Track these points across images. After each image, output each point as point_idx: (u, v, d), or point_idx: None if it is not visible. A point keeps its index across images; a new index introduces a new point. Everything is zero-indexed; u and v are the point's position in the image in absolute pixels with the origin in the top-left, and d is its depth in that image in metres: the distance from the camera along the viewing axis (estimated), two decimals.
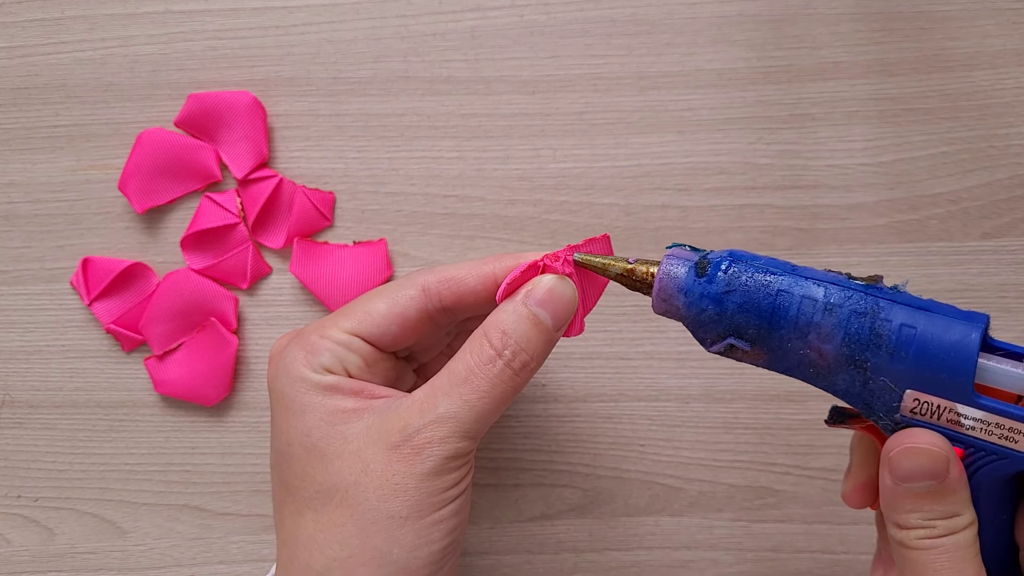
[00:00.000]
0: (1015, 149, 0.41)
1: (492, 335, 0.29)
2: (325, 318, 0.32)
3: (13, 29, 0.41)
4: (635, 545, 0.40)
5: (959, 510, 0.25)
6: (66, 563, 0.41)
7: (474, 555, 0.41)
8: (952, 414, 0.25)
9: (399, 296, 0.31)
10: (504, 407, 0.29)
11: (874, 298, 0.26)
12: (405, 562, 0.27)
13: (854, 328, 0.26)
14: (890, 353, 0.25)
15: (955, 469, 0.25)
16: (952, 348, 0.25)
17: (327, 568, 0.27)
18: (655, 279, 0.29)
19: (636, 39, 0.41)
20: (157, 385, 0.41)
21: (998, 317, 0.41)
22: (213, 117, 0.41)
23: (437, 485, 0.28)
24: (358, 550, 0.27)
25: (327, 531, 0.28)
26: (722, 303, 0.27)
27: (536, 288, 0.29)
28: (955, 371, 0.25)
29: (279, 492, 0.30)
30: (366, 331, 0.30)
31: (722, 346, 0.28)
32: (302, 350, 0.30)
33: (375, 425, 0.28)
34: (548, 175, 0.41)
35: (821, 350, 0.26)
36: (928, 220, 0.41)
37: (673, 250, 0.29)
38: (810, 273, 0.27)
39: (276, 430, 0.30)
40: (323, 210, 0.41)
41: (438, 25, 0.41)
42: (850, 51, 0.41)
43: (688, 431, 0.41)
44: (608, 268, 0.30)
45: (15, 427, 0.41)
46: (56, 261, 0.42)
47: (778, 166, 0.41)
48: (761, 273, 0.27)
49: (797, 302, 0.26)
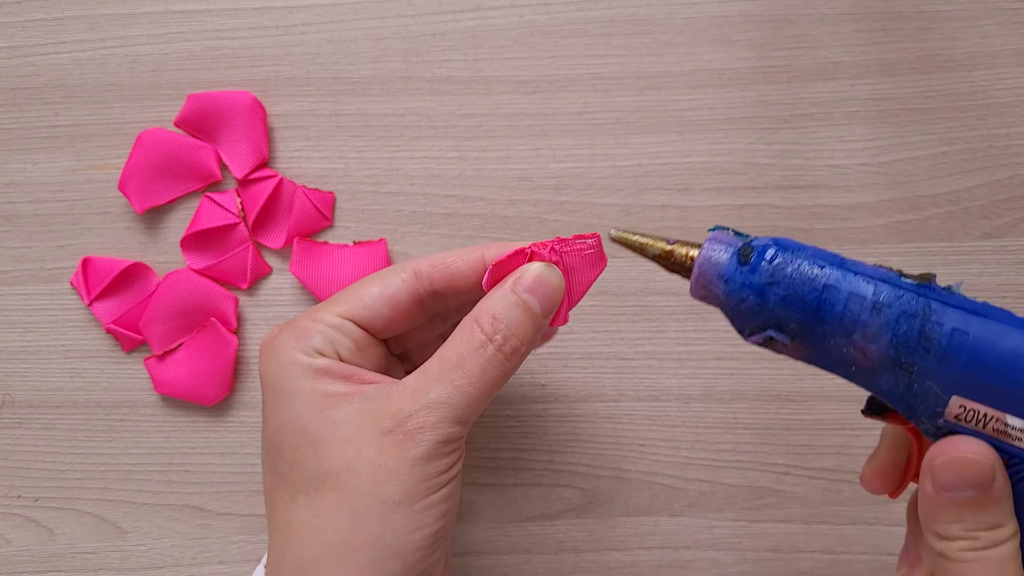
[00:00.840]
0: (1015, 149, 0.41)
1: (483, 320, 0.29)
2: (316, 305, 0.32)
3: (13, 29, 0.41)
4: (635, 545, 0.40)
5: (1002, 521, 0.24)
6: (66, 563, 0.41)
7: (474, 555, 0.41)
8: (999, 423, 0.24)
9: (391, 279, 0.31)
10: (495, 392, 0.29)
11: (926, 299, 0.25)
12: (398, 546, 0.27)
13: (903, 330, 0.25)
14: (939, 358, 0.24)
15: (1000, 479, 0.24)
16: (1007, 356, 0.24)
17: (320, 554, 0.27)
18: (695, 263, 0.27)
19: (636, 39, 0.41)
20: (157, 385, 0.41)
21: None
22: (213, 117, 0.41)
23: (430, 470, 0.28)
24: (351, 535, 0.27)
25: (320, 516, 0.28)
26: (764, 294, 0.26)
27: (525, 275, 0.30)
28: (1009, 380, 0.24)
29: (270, 479, 0.30)
30: (358, 314, 0.31)
31: (761, 337, 0.27)
32: (293, 334, 0.30)
33: (366, 410, 0.29)
34: (548, 175, 0.41)
35: (866, 350, 0.25)
36: (928, 220, 0.41)
37: (716, 233, 0.28)
38: (859, 268, 0.26)
39: (266, 416, 0.30)
40: (323, 210, 0.41)
41: (438, 25, 0.41)
42: (850, 51, 0.41)
43: (688, 431, 0.41)
44: (647, 248, 0.29)
45: (15, 427, 0.41)
46: (56, 261, 0.42)
47: (778, 166, 0.41)
48: (808, 265, 0.26)
49: (844, 298, 0.25)
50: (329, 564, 0.27)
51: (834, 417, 0.40)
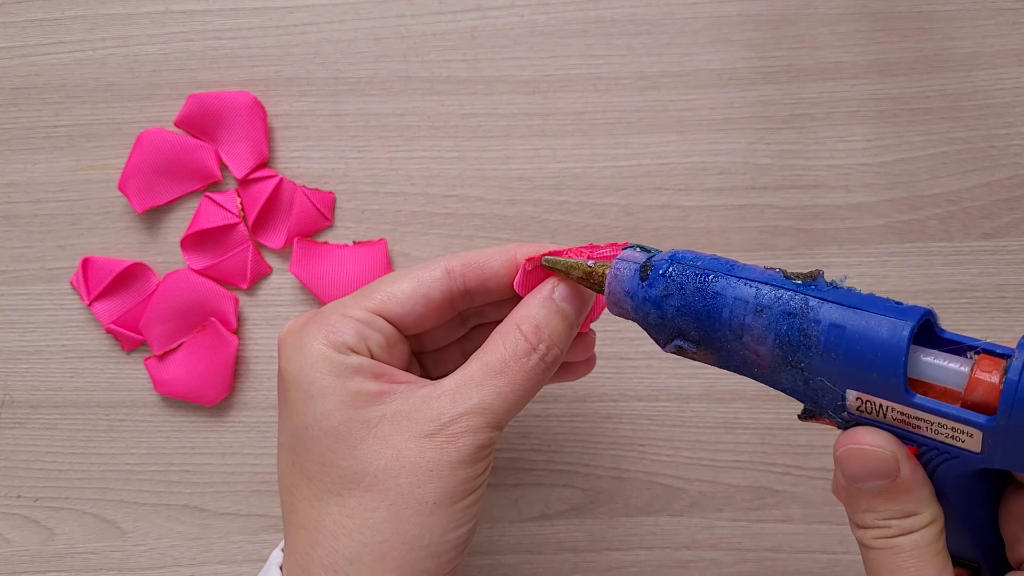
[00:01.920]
0: (1015, 149, 0.41)
1: (525, 328, 0.29)
2: (344, 298, 0.31)
3: (13, 29, 0.41)
4: (635, 545, 0.40)
5: (916, 509, 0.25)
6: (66, 563, 0.41)
7: (474, 555, 0.41)
8: (896, 412, 0.24)
9: (424, 277, 0.31)
10: (530, 399, 0.30)
11: (803, 296, 0.25)
12: (436, 547, 0.28)
13: (784, 329, 0.25)
14: (820, 354, 0.25)
15: (906, 467, 0.24)
16: (880, 347, 0.24)
17: (358, 554, 0.27)
18: (605, 282, 0.29)
19: (636, 39, 0.41)
20: (157, 385, 0.41)
21: (998, 317, 0.41)
22: (213, 117, 0.41)
23: (468, 473, 0.28)
24: (391, 535, 0.27)
25: (356, 516, 0.28)
26: (661, 307, 0.27)
27: (563, 283, 0.30)
28: (884, 370, 0.24)
29: (293, 476, 0.30)
30: (390, 311, 0.30)
31: (672, 347, 0.28)
32: (321, 329, 0.29)
33: (403, 412, 0.28)
34: (548, 175, 0.41)
35: (757, 351, 0.26)
36: (928, 220, 0.41)
37: (625, 252, 0.29)
38: (746, 273, 0.27)
39: (291, 412, 0.30)
40: (323, 210, 0.41)
41: (438, 25, 0.41)
42: (850, 51, 0.41)
43: (688, 431, 0.41)
44: (570, 271, 0.30)
45: (15, 427, 0.41)
46: (56, 261, 0.42)
47: (778, 166, 0.41)
48: (698, 275, 0.27)
49: (730, 304, 0.26)
50: (366, 564, 0.27)
51: None
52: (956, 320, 0.41)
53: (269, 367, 0.41)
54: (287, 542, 0.30)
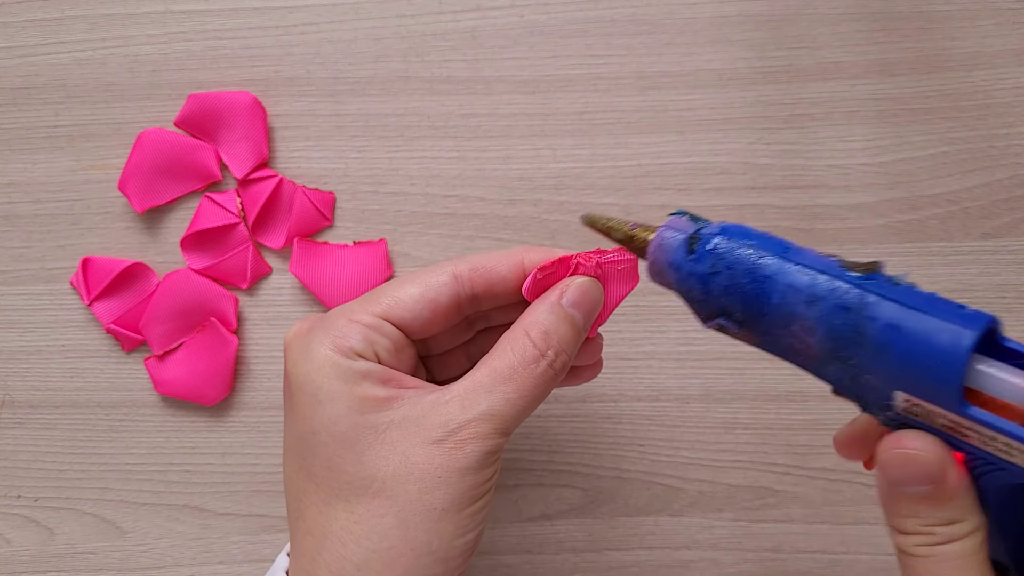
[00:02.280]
0: (1015, 149, 0.41)
1: (534, 334, 0.29)
2: (350, 303, 0.31)
3: (13, 29, 0.41)
4: (635, 545, 0.40)
5: (959, 516, 0.24)
6: (66, 563, 0.41)
7: (475, 555, 0.41)
8: (946, 419, 0.23)
9: (431, 281, 0.31)
10: (537, 405, 0.30)
11: (861, 291, 0.24)
12: (443, 552, 0.28)
13: (837, 323, 0.24)
14: (873, 353, 0.23)
15: (953, 474, 0.24)
16: (938, 354, 0.22)
17: (366, 560, 0.27)
18: (648, 251, 0.28)
19: (636, 39, 0.41)
20: (157, 385, 0.41)
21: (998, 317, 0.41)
22: (213, 117, 0.41)
23: (477, 479, 0.28)
24: (399, 541, 0.27)
25: (364, 523, 0.28)
26: (707, 284, 0.26)
27: (571, 288, 0.30)
28: (940, 379, 0.22)
29: (299, 481, 0.30)
30: (397, 316, 0.30)
31: (714, 324, 0.27)
32: (328, 334, 0.29)
33: (411, 417, 0.28)
34: (548, 175, 0.41)
35: (806, 341, 0.25)
36: (928, 220, 0.41)
37: (671, 219, 0.28)
38: (802, 258, 0.25)
39: (297, 416, 0.30)
40: (323, 210, 0.41)
41: (438, 25, 0.41)
42: (850, 51, 0.41)
43: (688, 431, 0.41)
44: (612, 231, 0.29)
45: (15, 427, 0.41)
46: (56, 261, 0.42)
47: (778, 166, 0.41)
48: (749, 254, 0.25)
49: (781, 290, 0.25)
50: (374, 570, 0.27)
51: (834, 417, 0.40)
52: None
53: (269, 367, 0.41)
54: (293, 547, 0.30)
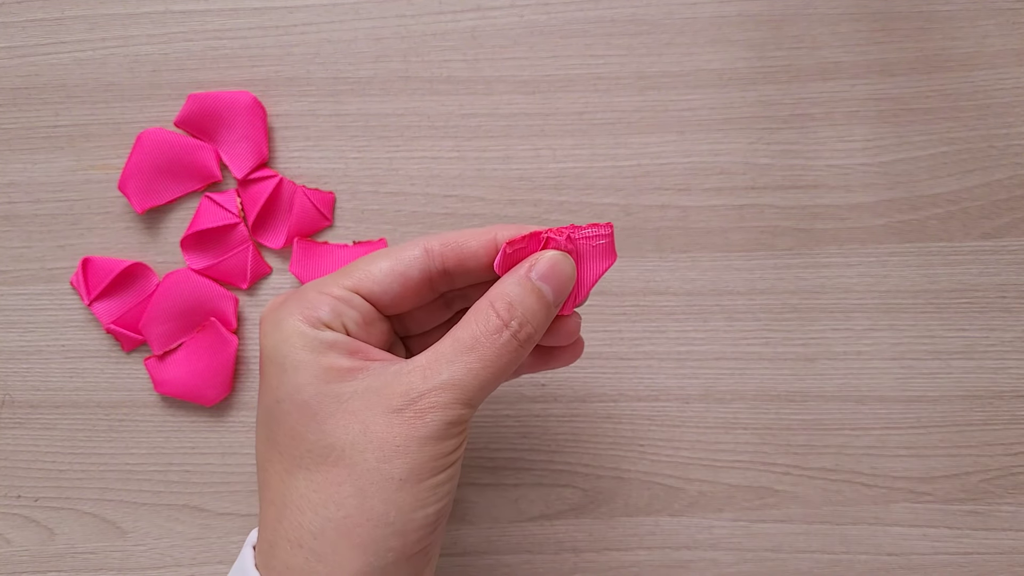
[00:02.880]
0: (1015, 149, 0.41)
1: (499, 305, 0.29)
2: (324, 277, 0.31)
3: (13, 29, 0.41)
4: (635, 545, 0.40)
5: None
6: (66, 563, 0.41)
7: (474, 555, 0.41)
8: None
9: (402, 256, 0.31)
10: (504, 377, 0.29)
11: None
12: (401, 524, 0.28)
13: None
14: None
15: None
16: None
17: (322, 528, 0.27)
18: None
19: (636, 39, 0.41)
20: (157, 385, 0.41)
21: (998, 317, 0.41)
22: (213, 117, 0.41)
23: (437, 450, 0.28)
24: (355, 511, 0.27)
25: (322, 491, 0.28)
26: None
27: (540, 262, 0.30)
28: None
29: (265, 451, 0.30)
30: (367, 289, 0.30)
31: None
32: (298, 305, 0.30)
33: (373, 387, 0.28)
34: (548, 175, 0.41)
35: None
36: (928, 220, 0.41)
37: None
38: None
39: (265, 387, 0.30)
40: (323, 210, 0.41)
41: (438, 25, 0.41)
42: (850, 51, 0.41)
43: (688, 431, 0.41)
44: None
45: (15, 427, 0.41)
46: (56, 261, 0.42)
47: (778, 166, 0.41)
48: None
49: None
50: (330, 539, 0.27)
51: (834, 417, 0.40)
52: (956, 320, 0.41)
53: None
54: (260, 518, 0.30)
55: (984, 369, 0.41)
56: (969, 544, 0.40)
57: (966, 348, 0.41)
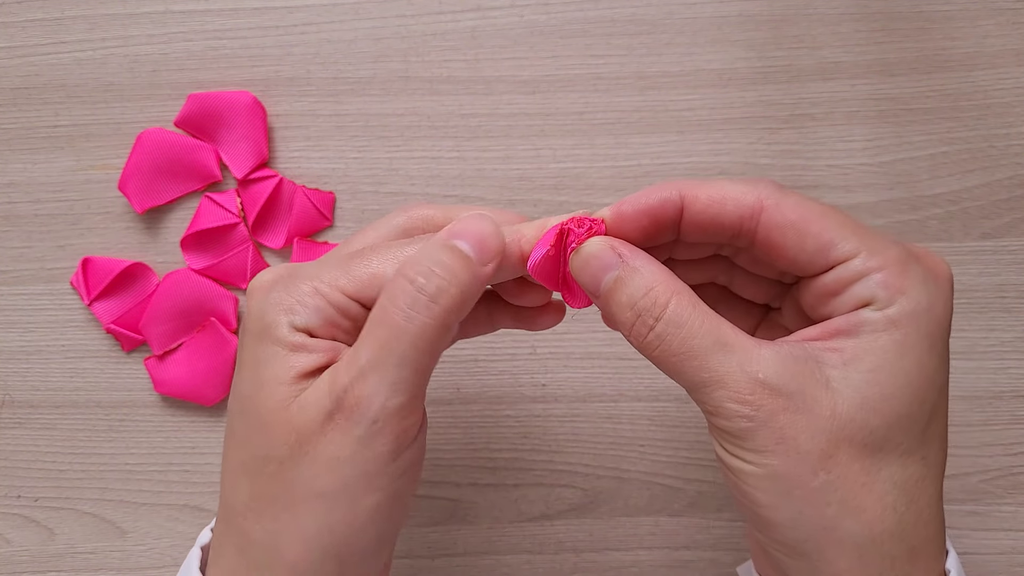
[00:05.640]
0: (1015, 149, 0.41)
1: (404, 267, 0.26)
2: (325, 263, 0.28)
3: (13, 29, 0.41)
4: (635, 545, 0.40)
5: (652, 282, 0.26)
6: (66, 563, 0.41)
7: (474, 555, 0.41)
8: None
9: None
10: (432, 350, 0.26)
11: None
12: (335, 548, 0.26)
13: None
14: None
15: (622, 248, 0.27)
16: None
17: (261, 541, 0.26)
18: None
19: (636, 39, 0.41)
20: (157, 385, 0.41)
21: (998, 317, 0.41)
22: (213, 117, 0.41)
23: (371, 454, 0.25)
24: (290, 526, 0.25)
25: (259, 502, 0.26)
26: None
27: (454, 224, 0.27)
28: None
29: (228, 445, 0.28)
30: (370, 297, 0.27)
31: None
32: (289, 296, 0.26)
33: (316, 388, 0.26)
34: (548, 175, 0.41)
35: None
36: (928, 220, 0.41)
37: None
38: None
39: (239, 376, 0.28)
40: (323, 210, 0.41)
41: (438, 25, 0.41)
42: (850, 51, 0.41)
43: (688, 431, 0.41)
44: None
45: (15, 427, 0.41)
46: (56, 261, 0.42)
47: (778, 166, 0.41)
48: None
49: None
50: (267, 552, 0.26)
51: None
52: (956, 320, 0.41)
53: None
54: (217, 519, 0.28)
55: (984, 369, 0.41)
56: (969, 544, 0.40)
57: (966, 348, 0.41)
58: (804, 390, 0.24)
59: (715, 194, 0.27)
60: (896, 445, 0.25)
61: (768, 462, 0.24)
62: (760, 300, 0.31)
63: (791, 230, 0.26)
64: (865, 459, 0.24)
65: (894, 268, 0.25)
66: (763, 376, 0.24)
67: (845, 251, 0.25)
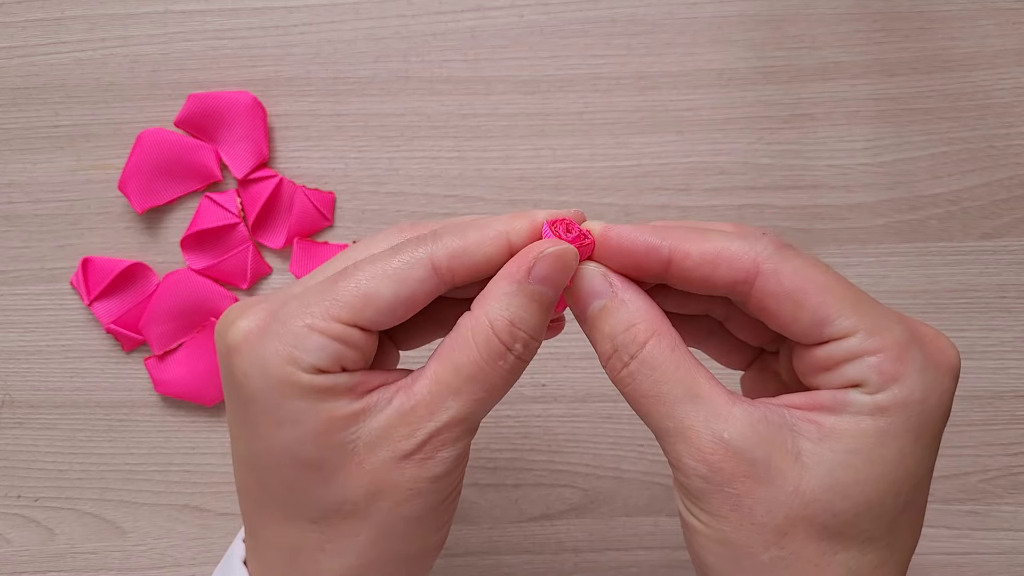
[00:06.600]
0: (1015, 149, 0.41)
1: (499, 328, 0.26)
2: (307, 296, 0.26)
3: (13, 29, 0.41)
4: (635, 545, 0.40)
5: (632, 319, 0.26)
6: (66, 563, 0.41)
7: (474, 555, 0.41)
8: None
9: (407, 278, 0.26)
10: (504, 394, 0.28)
11: None
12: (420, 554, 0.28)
13: None
14: None
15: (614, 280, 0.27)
16: None
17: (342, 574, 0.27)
18: None
19: (636, 39, 0.41)
20: (157, 385, 0.41)
21: (998, 317, 0.41)
22: (213, 117, 0.41)
23: (449, 482, 0.27)
24: (375, 555, 0.27)
25: (336, 542, 0.27)
26: None
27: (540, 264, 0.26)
28: None
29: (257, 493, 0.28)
30: (368, 320, 0.26)
31: None
32: (286, 344, 0.25)
33: (376, 431, 0.26)
34: (548, 175, 0.41)
35: None
36: (928, 220, 0.41)
37: None
38: None
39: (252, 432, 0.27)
40: (323, 210, 0.41)
41: (438, 25, 0.41)
42: (850, 51, 0.41)
43: None
44: None
45: (15, 427, 0.41)
46: (56, 261, 0.42)
47: (778, 166, 0.41)
48: None
49: None
50: None
51: None
52: (956, 320, 0.41)
53: None
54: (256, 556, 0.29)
55: (984, 369, 0.41)
56: (968, 544, 0.40)
57: (966, 348, 0.41)
58: (770, 459, 0.24)
59: (708, 253, 0.26)
60: (860, 532, 0.24)
61: (720, 527, 0.24)
62: (754, 343, 0.30)
63: (787, 300, 0.25)
64: (823, 541, 0.24)
65: (892, 352, 0.24)
66: (728, 436, 0.24)
67: (842, 328, 0.24)
